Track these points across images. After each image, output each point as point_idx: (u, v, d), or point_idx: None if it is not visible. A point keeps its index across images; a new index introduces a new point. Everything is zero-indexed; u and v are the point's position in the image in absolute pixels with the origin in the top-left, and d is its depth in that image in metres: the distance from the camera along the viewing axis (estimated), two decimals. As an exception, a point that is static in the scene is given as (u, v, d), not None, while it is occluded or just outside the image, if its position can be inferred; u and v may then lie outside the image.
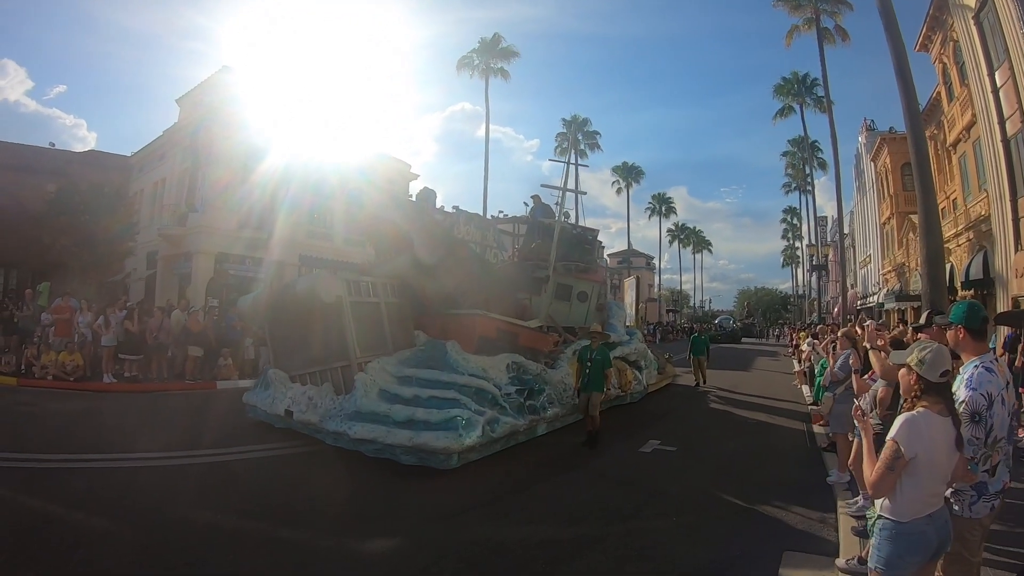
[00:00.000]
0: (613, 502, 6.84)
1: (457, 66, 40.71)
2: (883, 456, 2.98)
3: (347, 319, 8.99)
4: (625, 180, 62.92)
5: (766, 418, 12.84)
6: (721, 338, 50.21)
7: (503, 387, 9.36)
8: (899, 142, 29.68)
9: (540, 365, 10.75)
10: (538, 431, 9.85)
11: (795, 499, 7.01)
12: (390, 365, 9.03)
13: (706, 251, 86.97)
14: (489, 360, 9.58)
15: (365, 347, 9.15)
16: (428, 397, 8.26)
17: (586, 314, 14.04)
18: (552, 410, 10.18)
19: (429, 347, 9.68)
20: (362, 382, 8.47)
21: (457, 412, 7.90)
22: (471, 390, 8.65)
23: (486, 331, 10.25)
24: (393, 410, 8.02)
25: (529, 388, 9.89)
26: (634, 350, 14.90)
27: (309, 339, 9.60)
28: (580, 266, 14.20)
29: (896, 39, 12.08)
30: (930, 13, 22.83)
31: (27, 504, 5.79)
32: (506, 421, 8.73)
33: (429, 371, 8.92)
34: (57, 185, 24.40)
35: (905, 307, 28.04)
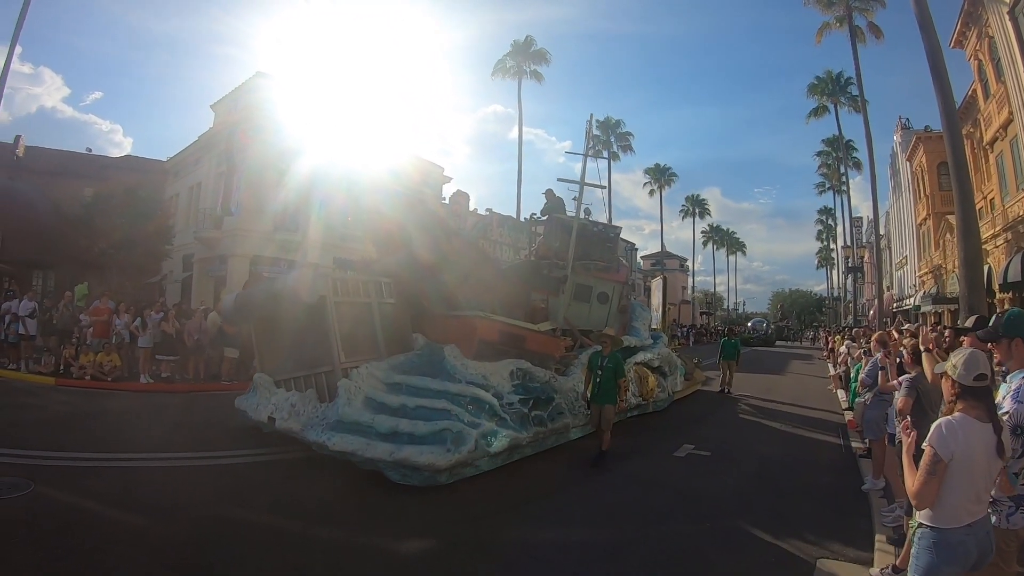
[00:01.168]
0: (647, 506, 6.83)
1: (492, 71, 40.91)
2: (922, 464, 2.96)
3: (331, 321, 8.26)
4: (658, 182, 62.49)
5: (801, 423, 12.68)
6: (755, 341, 49.70)
7: (505, 396, 8.61)
8: (935, 141, 29.03)
9: (549, 372, 10.02)
10: (546, 444, 9.16)
11: (829, 506, 6.99)
12: (380, 371, 8.26)
13: (740, 253, 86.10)
14: (491, 366, 8.86)
15: (352, 351, 8.46)
16: (416, 407, 7.59)
17: (607, 316, 13.23)
18: (562, 421, 9.48)
19: (427, 352, 8.98)
20: (345, 389, 7.73)
21: (446, 424, 7.26)
22: (465, 399, 7.92)
23: (487, 334, 9.54)
24: (376, 420, 7.34)
25: (535, 397, 9.14)
26: (658, 355, 13.92)
27: (293, 342, 9.03)
28: (600, 265, 13.44)
29: (931, 36, 11.87)
30: (964, 9, 22.34)
31: (64, 501, 5.94)
32: (506, 434, 7.97)
33: (420, 378, 8.19)
34: (94, 189, 25.12)
35: (942, 310, 27.39)
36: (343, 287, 8.68)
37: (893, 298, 41.16)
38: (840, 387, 16.72)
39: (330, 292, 8.30)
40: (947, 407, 3.13)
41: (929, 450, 2.93)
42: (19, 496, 5.91)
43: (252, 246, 24.71)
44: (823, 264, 73.47)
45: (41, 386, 13.02)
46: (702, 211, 72.50)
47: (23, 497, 5.90)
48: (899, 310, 38.44)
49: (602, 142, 50.29)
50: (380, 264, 10.03)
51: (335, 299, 8.36)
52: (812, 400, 16.22)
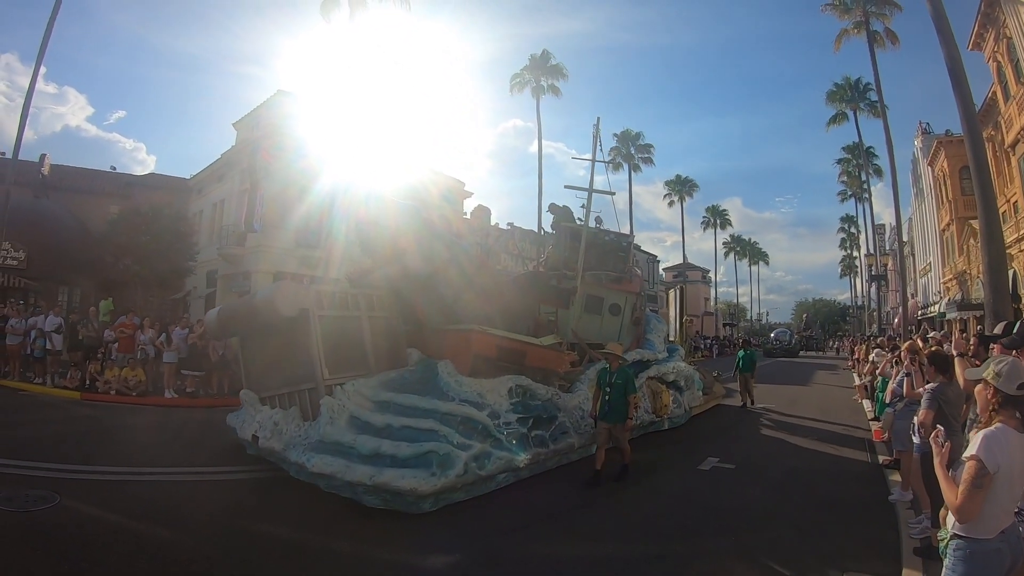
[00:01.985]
0: (672, 520, 6.77)
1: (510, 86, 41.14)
2: (967, 477, 2.87)
3: (314, 335, 7.93)
4: (678, 193, 62.11)
5: (826, 434, 12.47)
6: (778, 352, 49.18)
7: (502, 415, 8.21)
8: (956, 144, 28.64)
9: (552, 389, 9.55)
10: (548, 465, 8.69)
11: (856, 518, 6.88)
12: (368, 388, 7.91)
13: (762, 263, 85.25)
14: (487, 383, 8.42)
15: (338, 367, 8.09)
16: (401, 427, 7.18)
17: (619, 329, 12.67)
18: (566, 441, 9.05)
19: (421, 368, 8.66)
20: (328, 407, 7.40)
21: (432, 446, 6.82)
22: (456, 419, 7.48)
23: (484, 349, 8.97)
24: (359, 441, 6.95)
25: (536, 416, 8.73)
26: (672, 369, 13.22)
27: (277, 357, 8.63)
28: (612, 275, 12.91)
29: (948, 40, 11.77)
30: (981, 10, 22.13)
31: (89, 513, 6.03)
32: (500, 456, 7.56)
33: (407, 396, 7.79)
34: (119, 207, 25.65)
35: (968, 316, 26.90)
36: (329, 300, 8.40)
37: (917, 305, 40.54)
38: (865, 397, 16.46)
39: (313, 305, 8.00)
40: (984, 417, 3.06)
41: (975, 463, 2.85)
42: (45, 508, 6.01)
43: (275, 262, 24.97)
44: (846, 273, 72.60)
45: (67, 400, 13.25)
46: (723, 222, 72.07)
47: (49, 509, 6.00)
48: (924, 317, 37.82)
49: (622, 154, 50.30)
50: (373, 276, 9.65)
51: (319, 312, 8.05)
52: (837, 411, 15.96)
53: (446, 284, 9.52)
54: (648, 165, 51.84)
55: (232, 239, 26.18)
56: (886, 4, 30.54)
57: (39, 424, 10.33)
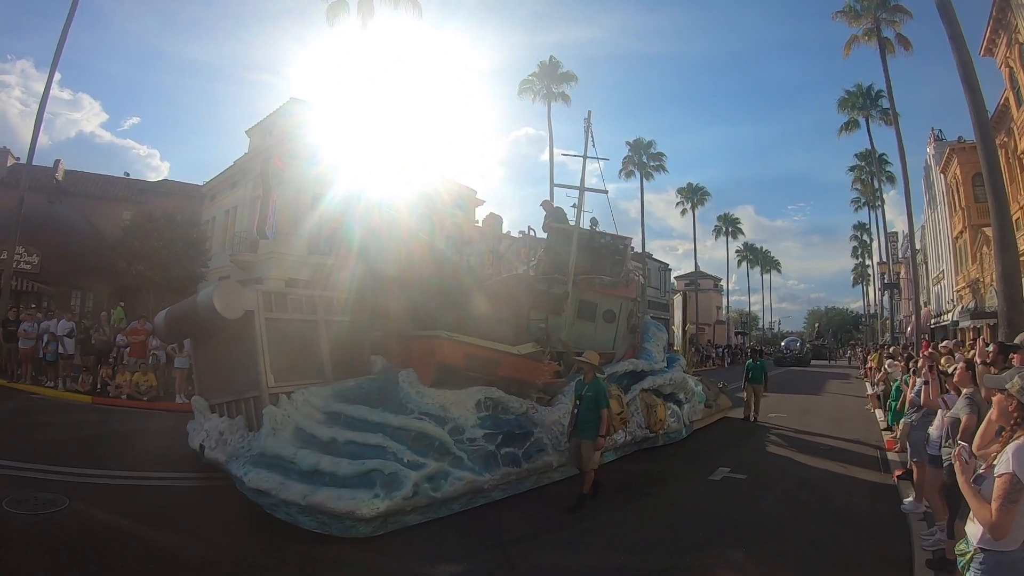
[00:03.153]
0: (683, 531, 6.71)
1: (519, 91, 41.19)
2: (1001, 492, 2.81)
3: (259, 339, 7.38)
4: (690, 201, 62.02)
5: (838, 444, 12.35)
6: (788, 361, 48.80)
7: (467, 430, 7.50)
8: (969, 151, 28.46)
9: (529, 402, 8.76)
10: (523, 486, 7.92)
11: (868, 529, 6.82)
12: (318, 398, 7.27)
13: (774, 271, 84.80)
14: (452, 395, 7.70)
15: (286, 373, 7.54)
16: (346, 442, 6.60)
17: (614, 336, 12.01)
18: (543, 459, 8.21)
19: (383, 377, 7.99)
20: (270, 417, 6.82)
21: (376, 464, 6.23)
22: (409, 434, 6.84)
23: (449, 357, 8.25)
24: (300, 456, 6.38)
25: (507, 432, 7.95)
26: (669, 380, 12.15)
27: (225, 362, 8.17)
28: (606, 280, 12.16)
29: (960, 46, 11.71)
30: (993, 16, 22.01)
31: (99, 518, 6.04)
32: (460, 476, 6.85)
33: (358, 407, 7.16)
34: (132, 213, 25.88)
35: (981, 325, 26.63)
36: (279, 302, 7.84)
37: (931, 314, 40.18)
38: (878, 406, 16.31)
39: (259, 307, 7.47)
40: (1008, 430, 3.02)
41: (1010, 478, 2.79)
42: (55, 512, 6.04)
43: (287, 269, 25.04)
44: (859, 281, 72.14)
45: (78, 404, 13.35)
46: (735, 230, 71.79)
47: (59, 513, 6.03)
48: (937, 326, 37.49)
49: (635, 163, 50.31)
50: (335, 277, 9.15)
51: (266, 315, 7.53)
52: (849, 420, 15.83)
53: (416, 286, 8.70)
54: (660, 173, 51.84)
55: (245, 246, 26.35)
56: (897, 11, 30.38)
57: (50, 428, 10.41)
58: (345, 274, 9.04)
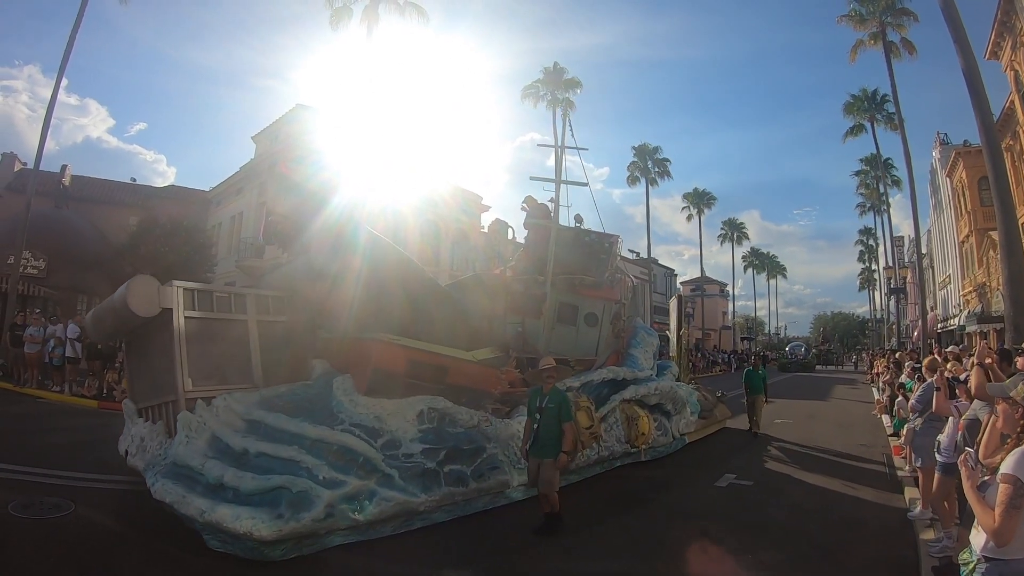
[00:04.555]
0: (689, 537, 6.66)
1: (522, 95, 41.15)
2: (1004, 498, 2.79)
3: (177, 340, 6.79)
4: (696, 206, 61.65)
5: (845, 450, 12.29)
6: (793, 366, 48.68)
7: (404, 444, 6.81)
8: (974, 155, 28.31)
9: (482, 414, 7.92)
10: (473, 507, 7.17)
11: (875, 535, 6.81)
12: (242, 404, 6.71)
13: (780, 276, 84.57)
14: (391, 405, 7.04)
15: (207, 377, 6.98)
16: (257, 454, 6.03)
17: (597, 341, 11.22)
18: (497, 478, 7.41)
19: (320, 383, 7.41)
20: (184, 424, 6.34)
21: (283, 480, 5.63)
22: (329, 448, 6.21)
23: (388, 363, 7.52)
24: (207, 467, 5.86)
25: (452, 447, 7.18)
26: (655, 389, 10.96)
27: (150, 364, 7.64)
28: (587, 280, 11.31)
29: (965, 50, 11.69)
30: (998, 18, 21.96)
31: (104, 523, 6.07)
32: (389, 497, 6.18)
33: (277, 415, 6.52)
34: (139, 218, 25.95)
35: (988, 329, 26.50)
36: (203, 300, 7.22)
37: (937, 318, 39.99)
38: (885, 412, 16.23)
39: (178, 304, 6.88)
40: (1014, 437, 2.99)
41: (1012, 484, 2.77)
42: (60, 516, 6.05)
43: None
44: (865, 285, 71.96)
45: (84, 409, 13.39)
46: (740, 236, 71.59)
47: (64, 517, 6.04)
48: (944, 330, 37.30)
49: (640, 168, 50.28)
50: (272, 275, 8.54)
51: (186, 313, 6.95)
52: (856, 426, 15.77)
53: (359, 284, 7.95)
54: (665, 179, 51.66)
55: (250, 251, 26.41)
56: (903, 14, 30.29)
57: (56, 432, 10.43)
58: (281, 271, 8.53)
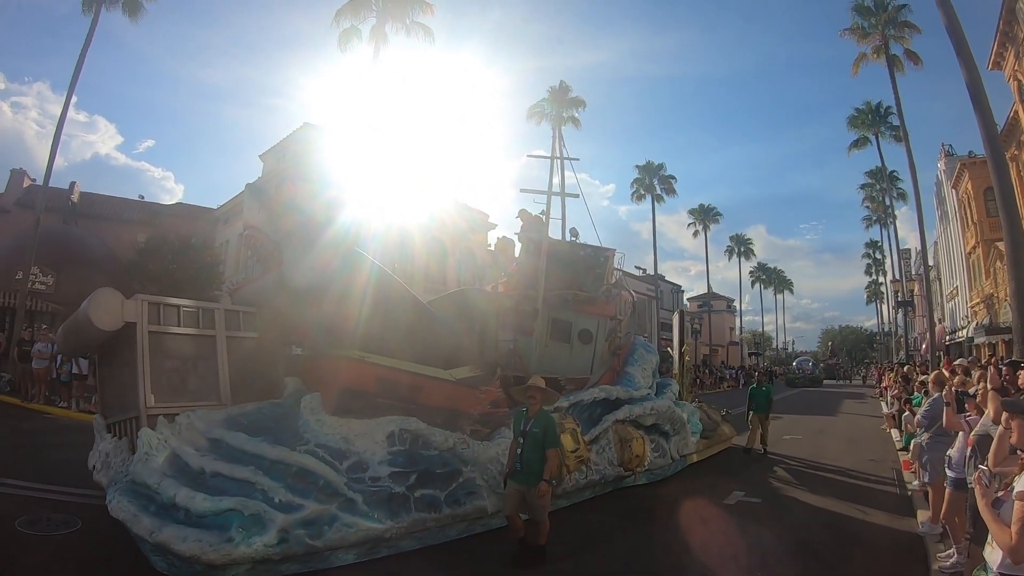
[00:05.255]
0: (698, 555, 6.62)
1: (528, 114, 41.40)
2: (1020, 516, 2.78)
3: (140, 355, 6.66)
4: (702, 222, 61.86)
5: (854, 465, 12.19)
6: (801, 381, 48.45)
7: (372, 467, 6.47)
8: (980, 166, 28.30)
9: (458, 435, 7.43)
10: (447, 535, 6.76)
11: (885, 550, 6.78)
12: (205, 422, 6.51)
13: (788, 291, 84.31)
14: (360, 425, 6.74)
15: (172, 393, 6.84)
16: (213, 473, 5.85)
17: (592, 359, 10.64)
18: (474, 503, 6.96)
19: (288, 402, 7.20)
20: (145, 441, 6.14)
21: (235, 503, 5.39)
22: (288, 469, 5.95)
23: (357, 381, 7.33)
24: (162, 486, 5.63)
25: (423, 471, 6.79)
26: (651, 409, 10.45)
27: (117, 378, 7.47)
28: (581, 296, 10.85)
29: (968, 61, 11.72)
30: (1000, 28, 22.00)
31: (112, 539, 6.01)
32: (350, 523, 5.86)
33: (237, 434, 6.34)
34: (147, 235, 26.10)
35: (996, 340, 26.34)
36: (169, 314, 7.08)
37: (945, 331, 39.74)
38: (894, 426, 16.12)
39: (142, 318, 6.75)
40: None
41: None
42: (68, 533, 6.07)
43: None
44: (872, 299, 71.74)
45: (91, 425, 13.31)
46: (746, 251, 71.50)
47: (71, 534, 6.06)
48: (952, 343, 37.07)
49: (644, 185, 50.41)
50: (244, 289, 8.36)
51: (150, 327, 6.82)
52: (864, 441, 15.68)
53: (334, 300, 7.72)
54: (670, 195, 51.72)
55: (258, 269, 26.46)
56: (905, 26, 30.43)
57: (64, 448, 10.41)
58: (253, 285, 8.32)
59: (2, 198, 27.16)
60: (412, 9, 25.33)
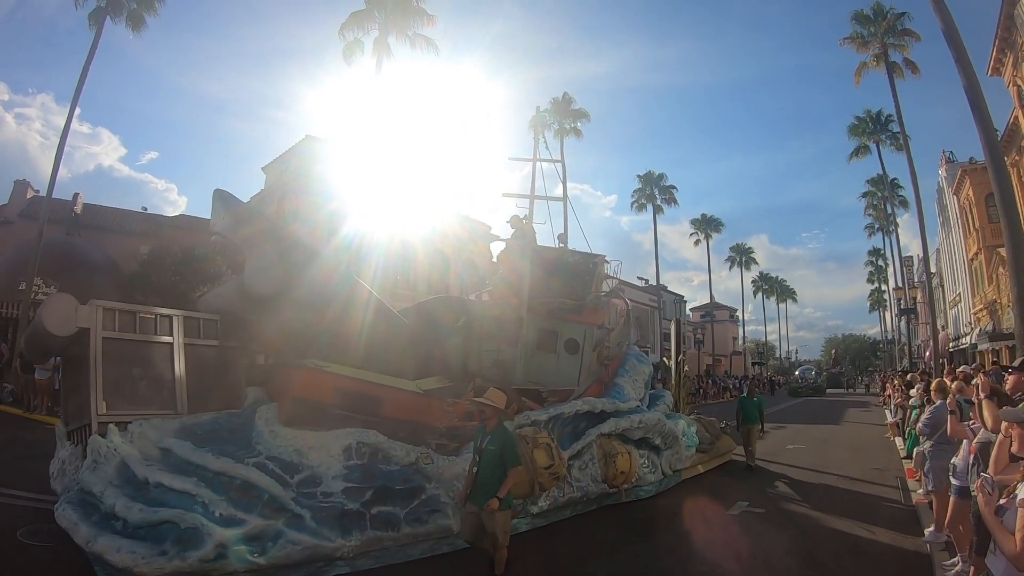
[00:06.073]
0: (703, 566, 6.60)
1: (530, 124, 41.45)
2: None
3: (92, 361, 6.57)
4: (704, 232, 61.79)
5: (858, 474, 12.15)
6: (804, 391, 48.34)
7: (325, 482, 6.25)
8: (981, 172, 28.31)
9: (422, 449, 7.12)
10: (408, 554, 6.45)
11: (889, 560, 6.77)
12: (157, 431, 6.35)
13: (790, 300, 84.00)
14: (315, 437, 6.53)
15: (125, 401, 6.75)
16: (155, 484, 5.69)
17: (579, 369, 10.13)
18: (437, 522, 6.61)
19: (248, 411, 7.04)
20: (92, 449, 6.11)
21: (171, 515, 5.26)
22: (232, 482, 5.76)
23: (311, 391, 7.09)
24: (106, 495, 5.58)
25: (381, 486, 6.49)
26: (639, 422, 9.89)
27: (76, 385, 7.30)
28: (567, 303, 10.34)
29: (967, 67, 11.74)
30: (998, 35, 22.07)
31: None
32: (296, 540, 5.61)
33: (183, 444, 6.15)
34: (150, 246, 26.19)
35: (1000, 347, 26.27)
36: (125, 321, 6.95)
37: (948, 338, 39.64)
38: (897, 435, 16.06)
39: (96, 325, 6.66)
40: None
41: None
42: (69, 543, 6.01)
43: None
44: (876, 307, 71.67)
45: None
46: (748, 260, 71.38)
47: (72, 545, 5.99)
48: (956, 349, 36.97)
49: (645, 195, 50.48)
50: (206, 296, 8.18)
51: (106, 334, 6.74)
52: (869, 449, 15.62)
53: (295, 307, 7.52)
54: (671, 206, 51.72)
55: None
56: (905, 34, 30.54)
57: (66, 460, 10.42)
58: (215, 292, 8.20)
59: (6, 209, 27.25)
60: (415, 21, 25.49)
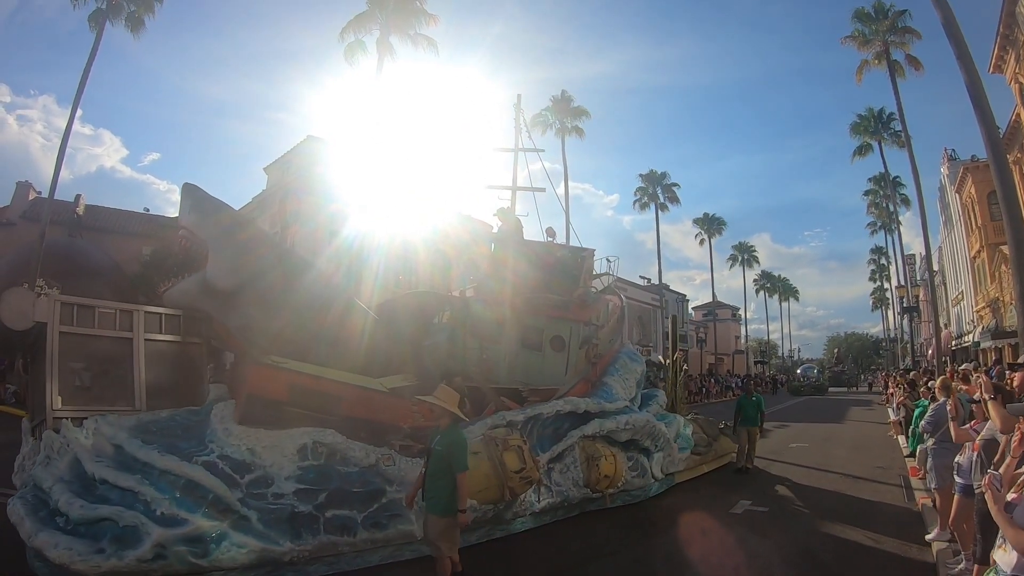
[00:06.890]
0: (706, 566, 6.59)
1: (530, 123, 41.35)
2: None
3: (48, 356, 6.47)
4: (707, 231, 61.75)
5: (861, 473, 12.11)
6: (806, 389, 48.31)
7: (277, 483, 6.04)
8: (983, 170, 28.26)
9: (384, 451, 6.85)
10: (367, 560, 6.25)
11: (893, 559, 6.76)
12: (113, 427, 6.14)
13: (793, 299, 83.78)
14: (268, 436, 6.31)
15: (84, 397, 6.66)
16: (101, 480, 5.63)
17: (565, 367, 9.68)
18: (399, 527, 6.35)
19: (207, 408, 6.86)
20: (47, 444, 6.08)
21: (110, 512, 5.21)
22: (177, 481, 5.59)
23: (266, 388, 6.77)
24: (54, 490, 5.51)
25: (336, 489, 6.28)
26: (626, 424, 9.41)
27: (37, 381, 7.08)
28: (553, 299, 9.94)
29: (968, 65, 11.67)
30: (1000, 32, 22.03)
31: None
32: (242, 542, 5.44)
33: (133, 441, 5.96)
34: (152, 248, 26.21)
35: (1002, 344, 26.22)
36: (84, 315, 6.83)
37: (951, 336, 39.56)
38: (900, 433, 16.03)
39: (53, 319, 6.52)
40: None
41: None
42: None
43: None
44: (878, 305, 71.45)
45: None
46: (750, 259, 71.28)
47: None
48: (958, 348, 36.90)
49: (648, 194, 50.46)
50: (170, 292, 8.15)
51: (63, 329, 6.61)
52: (872, 448, 15.61)
53: (258, 303, 7.30)
54: (674, 204, 51.65)
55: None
56: (906, 32, 30.43)
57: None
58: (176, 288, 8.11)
59: (8, 211, 27.34)
60: (416, 20, 25.47)
